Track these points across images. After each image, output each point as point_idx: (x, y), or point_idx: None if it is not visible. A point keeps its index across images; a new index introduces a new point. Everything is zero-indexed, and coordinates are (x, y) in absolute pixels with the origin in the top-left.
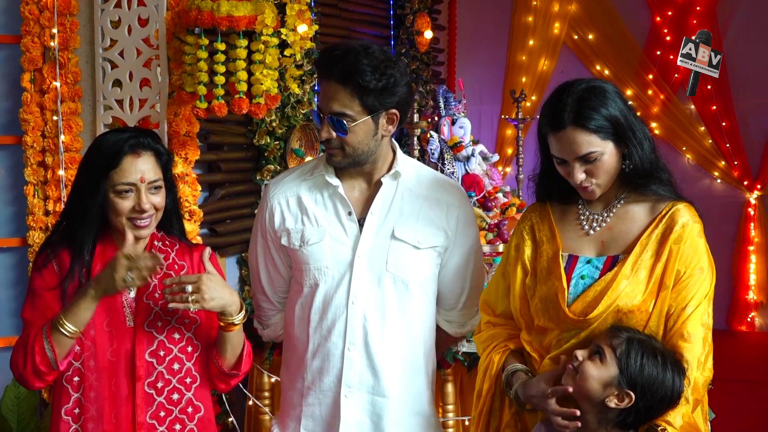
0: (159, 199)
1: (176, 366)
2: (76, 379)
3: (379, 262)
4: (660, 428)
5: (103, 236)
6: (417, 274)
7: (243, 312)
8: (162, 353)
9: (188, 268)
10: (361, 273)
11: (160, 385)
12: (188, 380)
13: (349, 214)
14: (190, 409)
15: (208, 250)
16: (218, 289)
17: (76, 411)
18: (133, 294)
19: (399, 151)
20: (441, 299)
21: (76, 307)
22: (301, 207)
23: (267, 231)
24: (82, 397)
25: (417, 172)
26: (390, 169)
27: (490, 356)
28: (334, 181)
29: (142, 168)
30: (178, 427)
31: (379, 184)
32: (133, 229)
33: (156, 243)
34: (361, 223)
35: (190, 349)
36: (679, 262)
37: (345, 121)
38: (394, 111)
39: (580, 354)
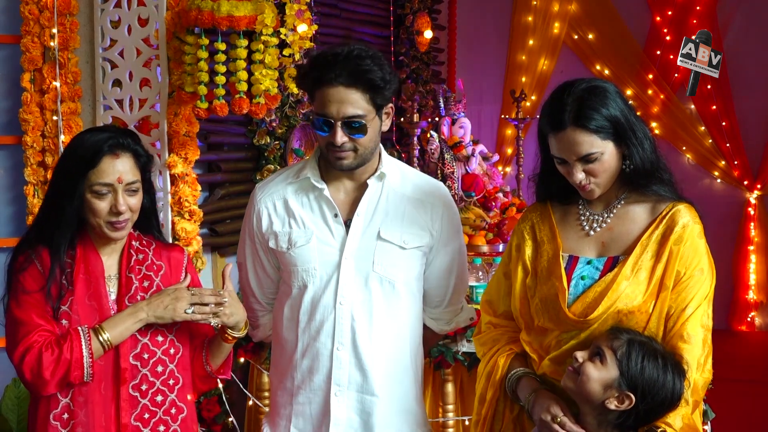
0: (135, 201)
1: (160, 368)
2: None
3: (366, 263)
4: (660, 430)
5: (81, 238)
6: (403, 274)
7: (246, 327)
8: (146, 356)
9: (166, 268)
10: (349, 274)
11: (144, 387)
12: (171, 382)
13: (336, 216)
14: (173, 410)
15: (186, 252)
16: (236, 306)
17: (65, 416)
18: (113, 296)
19: (384, 152)
20: (427, 298)
21: (121, 325)
22: (287, 210)
23: (255, 234)
24: (71, 402)
25: (402, 173)
26: (375, 170)
27: (495, 360)
28: (320, 184)
29: (120, 169)
30: (162, 428)
31: (365, 185)
32: (110, 230)
33: (133, 243)
34: (347, 224)
35: (172, 351)
36: (679, 263)
37: (363, 122)
38: (391, 105)
39: (580, 355)
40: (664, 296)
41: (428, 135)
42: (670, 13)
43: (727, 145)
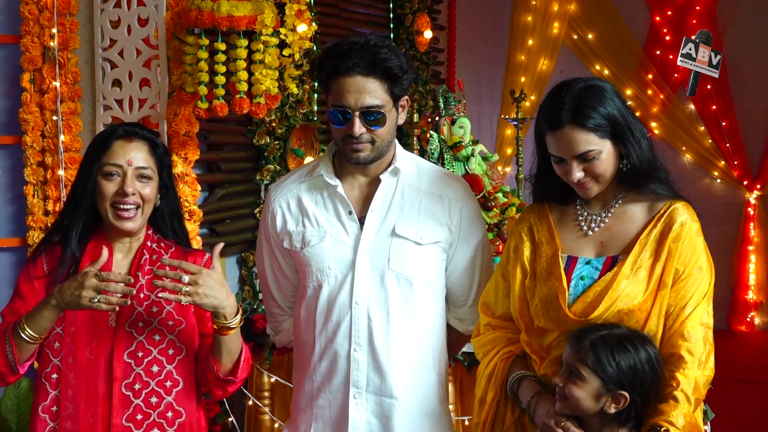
0: (148, 190)
1: (155, 368)
2: (54, 376)
3: (381, 260)
4: (663, 429)
5: (96, 234)
6: (420, 270)
7: (239, 316)
8: (140, 354)
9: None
10: (364, 272)
11: (137, 386)
12: (168, 384)
13: (350, 213)
14: (169, 414)
15: (207, 256)
16: (215, 288)
17: (54, 409)
18: (119, 296)
19: (398, 146)
20: (450, 297)
21: (37, 314)
22: (301, 209)
23: (270, 235)
24: (59, 395)
25: (418, 167)
26: (390, 165)
27: (495, 362)
28: (334, 180)
29: (131, 153)
30: (155, 431)
31: (378, 181)
32: (115, 218)
33: (149, 244)
34: (361, 221)
35: (171, 351)
36: (678, 261)
37: (382, 112)
38: (407, 97)
39: (559, 380)
40: (664, 294)
41: (428, 135)
42: (669, 13)
43: (727, 145)
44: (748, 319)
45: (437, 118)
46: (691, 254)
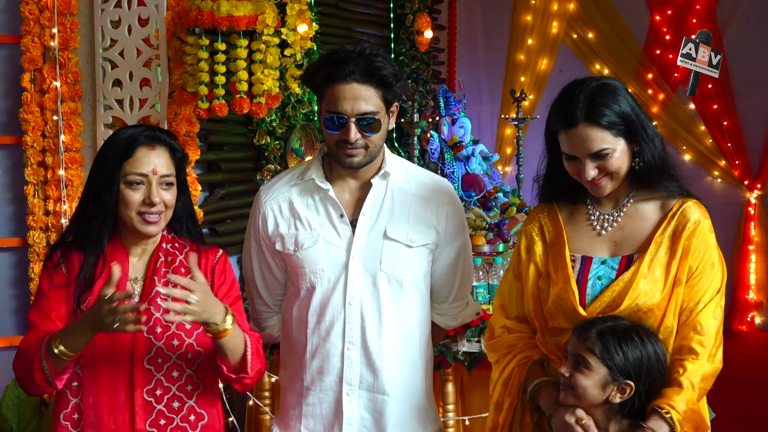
0: (170, 196)
1: (175, 373)
2: (75, 384)
3: (373, 262)
4: (664, 411)
5: (112, 238)
6: (410, 272)
7: (229, 319)
8: (160, 360)
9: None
10: (356, 274)
11: (159, 392)
12: (189, 387)
13: (341, 216)
14: (192, 417)
15: (220, 252)
16: (206, 301)
17: (75, 417)
18: (137, 298)
19: (387, 151)
20: (434, 294)
21: (72, 333)
22: (293, 212)
23: (261, 237)
24: (81, 402)
25: (406, 171)
26: (379, 169)
27: (511, 368)
28: (325, 184)
29: (155, 160)
30: None
31: (369, 185)
32: (142, 224)
33: (165, 245)
34: (353, 224)
35: (190, 356)
36: (691, 258)
37: (376, 118)
38: (397, 103)
39: (565, 370)
40: (679, 291)
41: (428, 135)
42: (669, 12)
43: (728, 144)
44: (749, 319)
45: (437, 118)
46: (704, 251)
